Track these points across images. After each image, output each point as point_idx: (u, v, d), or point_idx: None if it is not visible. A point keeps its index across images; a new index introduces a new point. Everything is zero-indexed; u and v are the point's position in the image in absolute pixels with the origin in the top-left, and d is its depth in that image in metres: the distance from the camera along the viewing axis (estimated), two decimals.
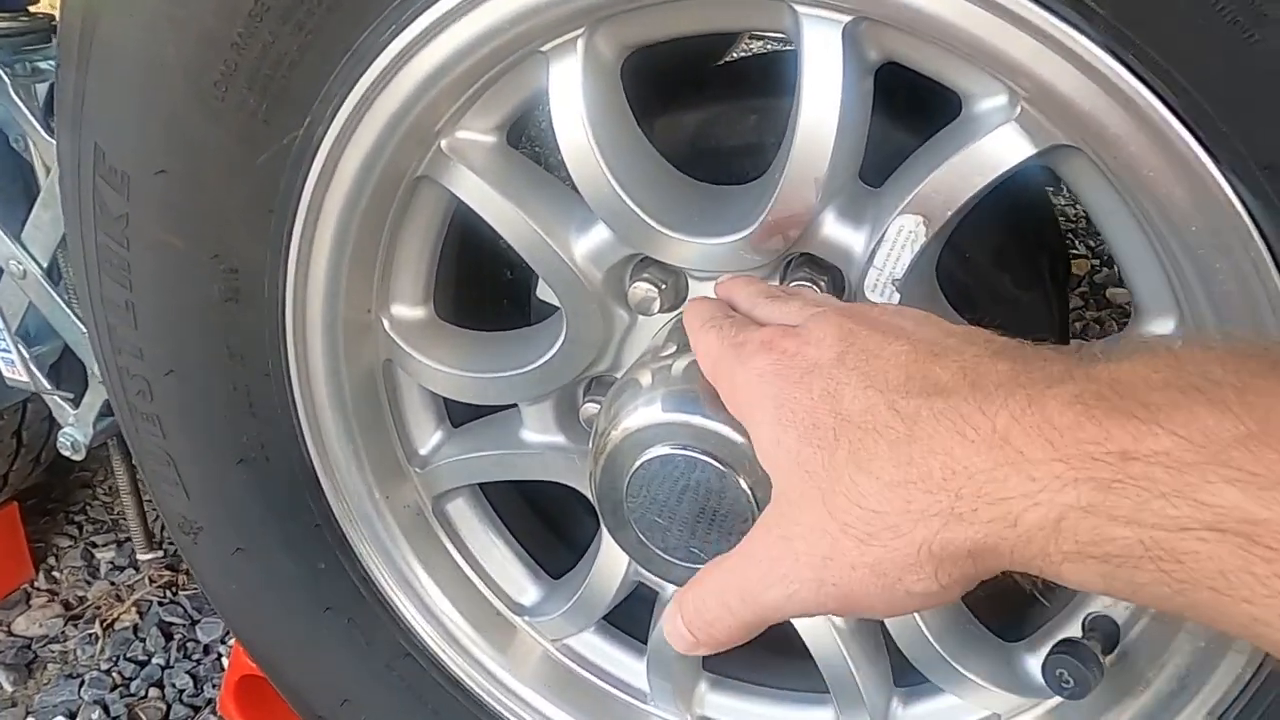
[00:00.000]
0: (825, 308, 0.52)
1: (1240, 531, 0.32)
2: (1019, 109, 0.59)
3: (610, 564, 0.88)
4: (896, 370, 0.43)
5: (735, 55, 1.33)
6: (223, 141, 0.73)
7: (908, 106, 0.74)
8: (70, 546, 1.73)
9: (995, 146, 0.60)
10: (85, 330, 1.07)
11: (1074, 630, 0.75)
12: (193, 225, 0.77)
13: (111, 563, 1.70)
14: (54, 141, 0.90)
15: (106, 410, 1.17)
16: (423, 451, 0.92)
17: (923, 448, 0.39)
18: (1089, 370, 0.38)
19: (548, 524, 1.01)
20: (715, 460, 0.66)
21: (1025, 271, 0.84)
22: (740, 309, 0.61)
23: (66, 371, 1.23)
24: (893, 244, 0.65)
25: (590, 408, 0.83)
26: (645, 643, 0.91)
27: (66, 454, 1.20)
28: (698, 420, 0.66)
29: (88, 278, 0.84)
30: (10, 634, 1.57)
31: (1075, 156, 0.59)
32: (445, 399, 0.90)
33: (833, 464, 0.42)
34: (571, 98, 0.67)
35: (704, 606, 0.48)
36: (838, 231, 0.67)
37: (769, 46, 2.13)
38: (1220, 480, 0.32)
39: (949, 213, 0.63)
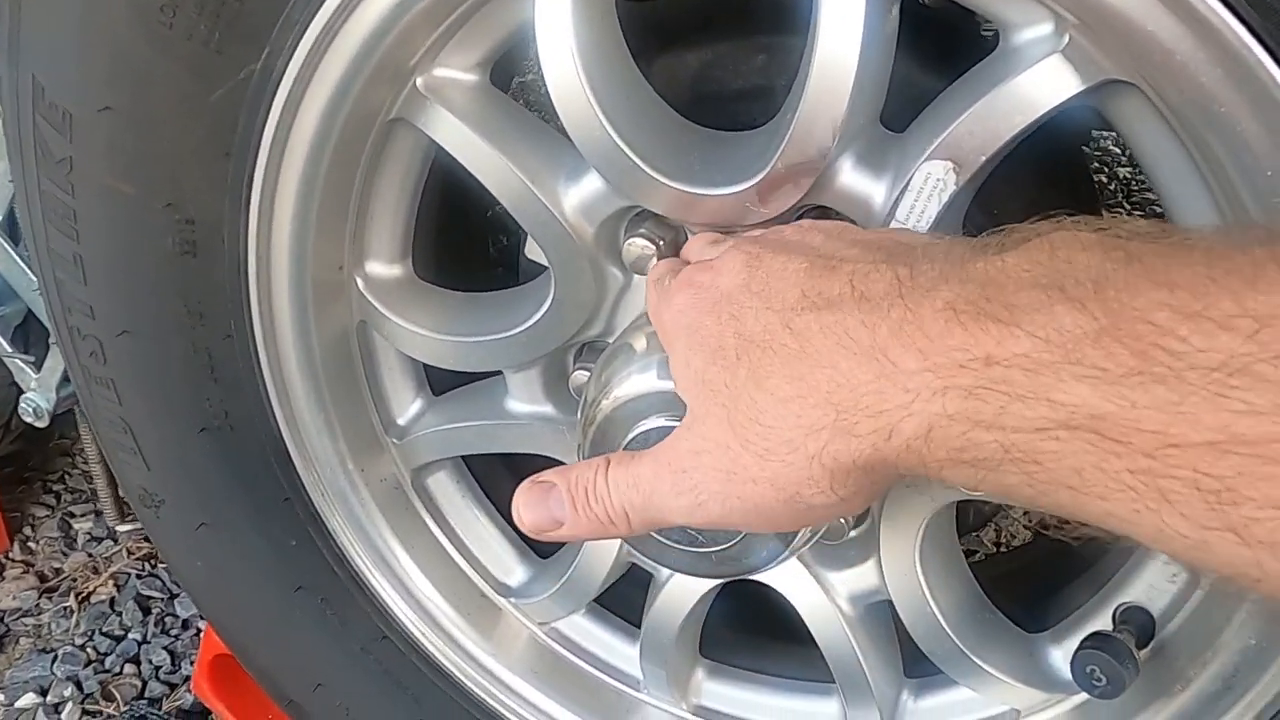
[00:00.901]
0: (739, 240, 0.53)
1: (1090, 427, 0.34)
2: (1066, 39, 0.52)
3: (601, 543, 0.83)
4: (793, 289, 0.44)
5: None
6: (172, 75, 0.66)
7: (937, 45, 0.67)
8: (47, 516, 1.68)
9: (1037, 82, 0.54)
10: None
11: (1104, 622, 0.69)
12: (143, 169, 0.71)
13: (89, 534, 1.65)
14: None
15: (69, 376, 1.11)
16: (401, 421, 0.86)
17: (811, 363, 0.41)
18: (969, 269, 0.39)
19: None
20: None
21: None
22: (691, 261, 0.61)
23: (32, 336, 1.17)
24: (918, 193, 0.58)
25: (580, 375, 0.77)
26: (639, 627, 0.86)
27: (30, 420, 1.14)
28: None
29: (34, 228, 0.77)
30: None
31: (1128, 94, 0.52)
32: (425, 365, 0.84)
33: (734, 382, 0.44)
34: (560, 27, 0.60)
35: (599, 492, 0.50)
36: (856, 180, 0.61)
37: None
38: (1071, 378, 0.34)
39: (983, 158, 0.56)
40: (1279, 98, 0.45)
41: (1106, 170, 2.03)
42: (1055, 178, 0.82)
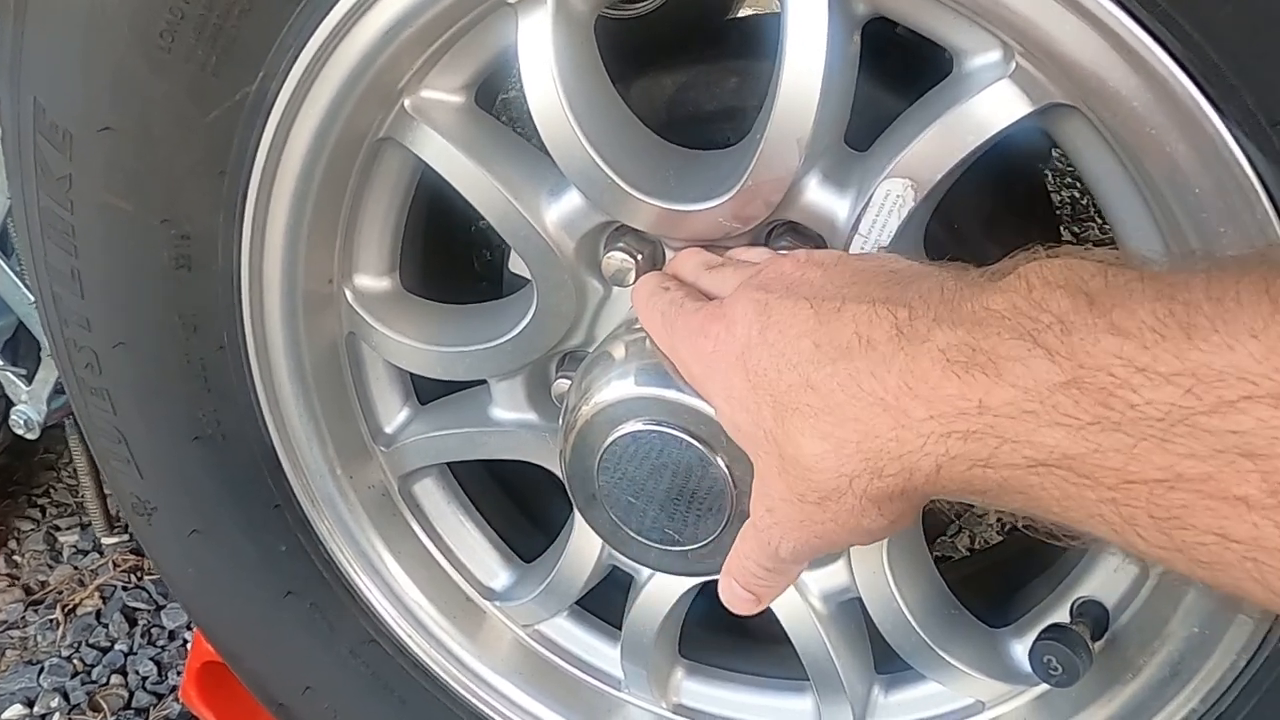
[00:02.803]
0: (744, 282, 0.56)
1: (1064, 465, 0.39)
2: (1013, 65, 0.55)
3: (583, 547, 0.85)
4: (805, 339, 0.49)
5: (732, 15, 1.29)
6: (170, 96, 0.69)
7: (896, 68, 0.71)
8: (32, 530, 1.68)
9: (988, 105, 0.57)
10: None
11: (1062, 616, 0.73)
12: (140, 187, 0.73)
13: (75, 546, 1.65)
14: None
15: (61, 388, 1.13)
16: (388, 429, 0.88)
17: (836, 418, 0.46)
18: (959, 311, 0.43)
19: (519, 506, 0.98)
20: (692, 437, 0.63)
21: (1015, 244, 0.81)
22: (685, 281, 0.64)
23: (23, 348, 1.19)
24: (879, 209, 0.61)
25: (562, 384, 0.80)
26: (620, 628, 0.88)
27: (20, 433, 1.16)
28: (673, 395, 0.63)
29: (31, 244, 0.79)
30: None
31: (1072, 116, 0.56)
32: (412, 375, 0.87)
33: (778, 441, 0.49)
34: (541, 53, 0.64)
35: (747, 571, 0.57)
36: (821, 197, 0.64)
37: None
38: (1047, 425, 0.39)
39: (939, 176, 0.60)
40: (1201, 122, 0.48)
41: (1060, 191, 2.08)
42: (1012, 195, 0.86)
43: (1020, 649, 0.76)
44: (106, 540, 1.58)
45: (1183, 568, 0.38)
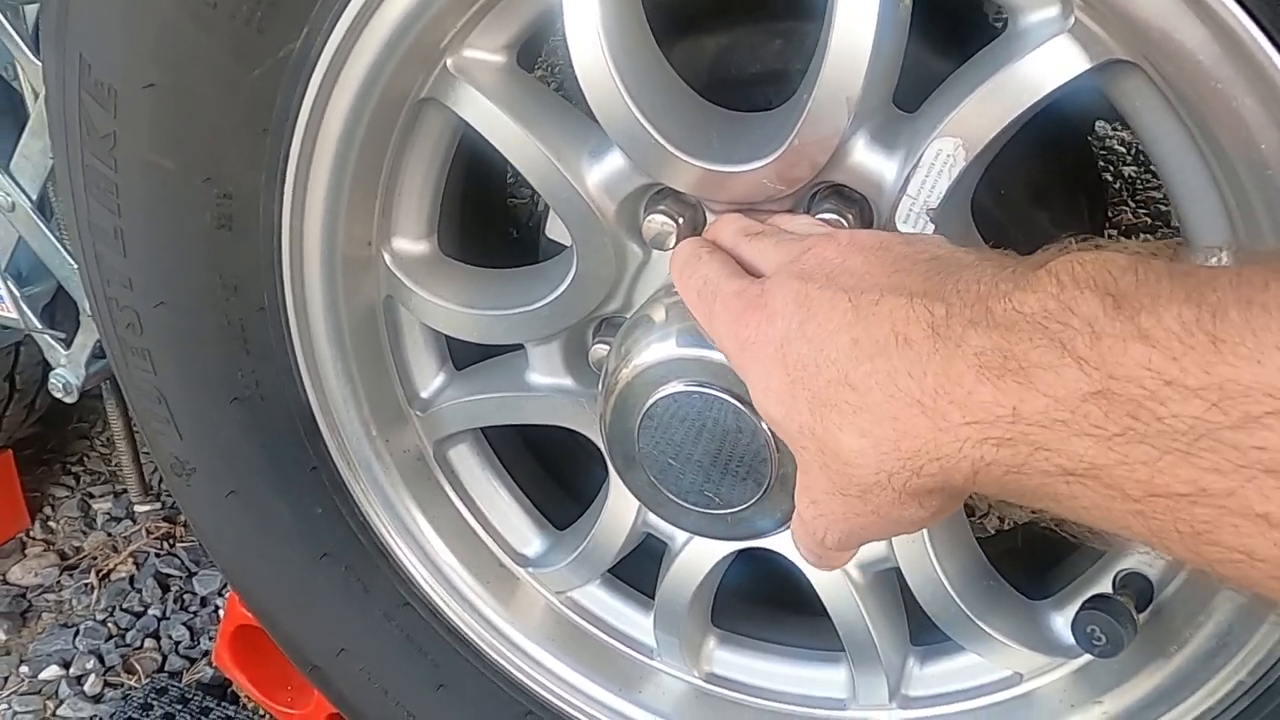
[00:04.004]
0: (785, 268, 0.56)
1: (1092, 475, 0.39)
2: (1072, 20, 0.54)
3: (618, 514, 0.85)
4: (844, 334, 0.49)
5: None
6: (214, 53, 0.69)
7: (947, 30, 0.70)
8: (67, 497, 1.71)
9: (1044, 63, 0.56)
10: (76, 265, 1.03)
11: (1105, 587, 0.72)
12: (183, 145, 0.73)
13: (108, 514, 1.68)
14: (41, 64, 0.86)
15: (99, 352, 1.14)
16: (424, 394, 0.88)
17: (875, 416, 0.46)
18: (993, 312, 0.43)
19: (553, 473, 0.98)
20: (734, 399, 0.63)
21: (1064, 212, 0.80)
22: (724, 247, 0.63)
23: (60, 312, 1.20)
24: (929, 169, 0.61)
25: (600, 349, 0.80)
26: (652, 597, 0.88)
27: (58, 395, 1.17)
28: (716, 356, 0.63)
29: (74, 203, 0.80)
30: (5, 582, 1.55)
31: (1130, 74, 0.55)
32: (448, 340, 0.87)
33: (818, 437, 0.49)
34: (587, 10, 0.63)
35: (804, 551, 0.58)
36: (869, 158, 0.63)
37: None
38: (1077, 434, 0.39)
39: (991, 135, 0.59)
40: (1270, 74, 0.47)
41: (1111, 168, 2.05)
42: (1061, 164, 0.84)
43: (1061, 621, 0.76)
44: (140, 508, 1.60)
45: (1218, 579, 0.39)
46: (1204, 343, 0.36)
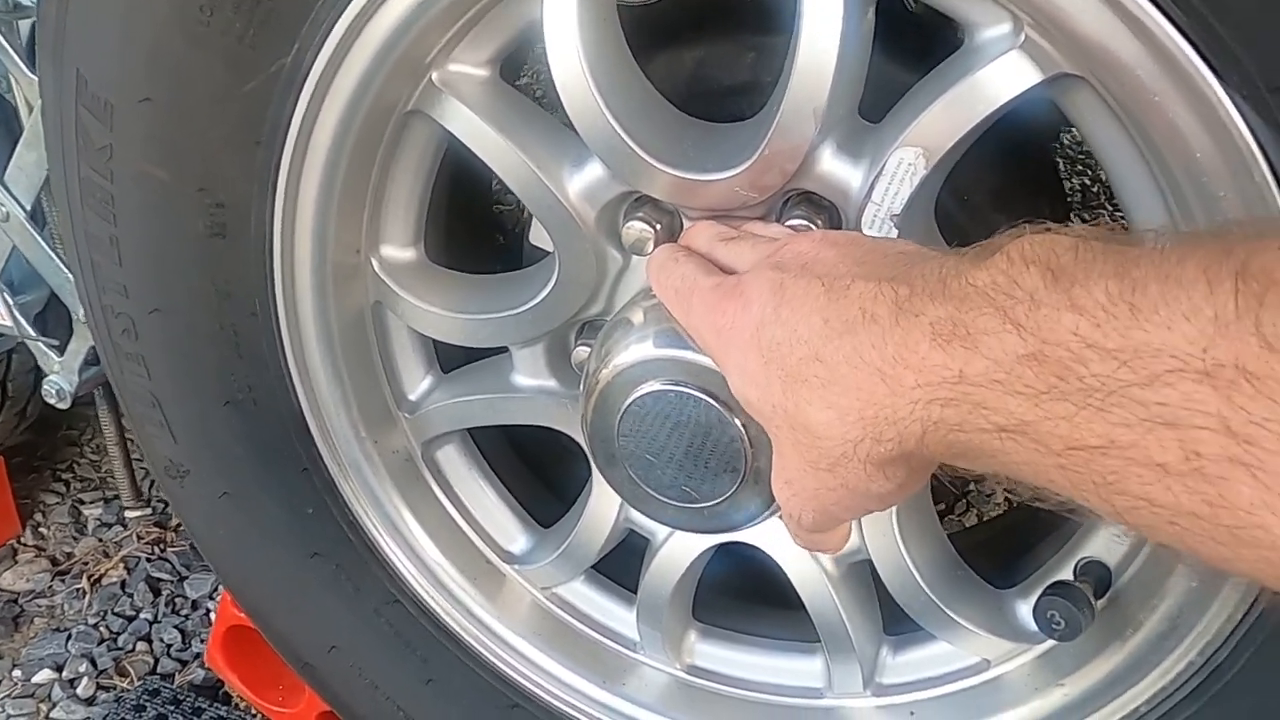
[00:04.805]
0: (762, 260, 0.58)
1: (1021, 431, 0.42)
2: (1023, 36, 0.58)
3: (600, 512, 0.88)
4: (816, 315, 0.51)
5: None
6: (208, 68, 0.71)
7: (910, 43, 0.73)
8: (57, 503, 1.72)
9: (998, 76, 0.59)
10: (70, 275, 1.06)
11: (1066, 574, 0.75)
12: (178, 156, 0.76)
13: (99, 519, 1.69)
14: (36, 79, 0.88)
15: (92, 358, 1.16)
16: (412, 397, 0.91)
17: (841, 388, 0.49)
18: (950, 287, 0.46)
19: (538, 473, 1.01)
20: (709, 397, 0.65)
21: (1023, 215, 0.83)
22: (700, 252, 0.66)
23: (53, 320, 1.22)
24: (891, 177, 0.64)
25: (582, 351, 0.82)
26: (635, 592, 0.91)
27: (51, 402, 1.19)
28: (691, 356, 0.65)
29: (71, 213, 0.82)
30: None
31: (1079, 87, 0.58)
32: (435, 344, 0.89)
33: (789, 414, 0.52)
34: (566, 27, 0.66)
35: (793, 523, 0.59)
36: (836, 166, 0.66)
37: None
38: (1011, 393, 0.42)
39: (950, 144, 0.62)
40: (1201, 89, 0.50)
41: (1071, 178, 2.09)
42: (1023, 171, 0.88)
43: (1025, 609, 0.78)
44: (131, 513, 1.61)
45: (1133, 531, 0.42)
46: (1125, 312, 0.39)
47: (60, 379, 1.17)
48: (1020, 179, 0.86)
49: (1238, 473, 0.36)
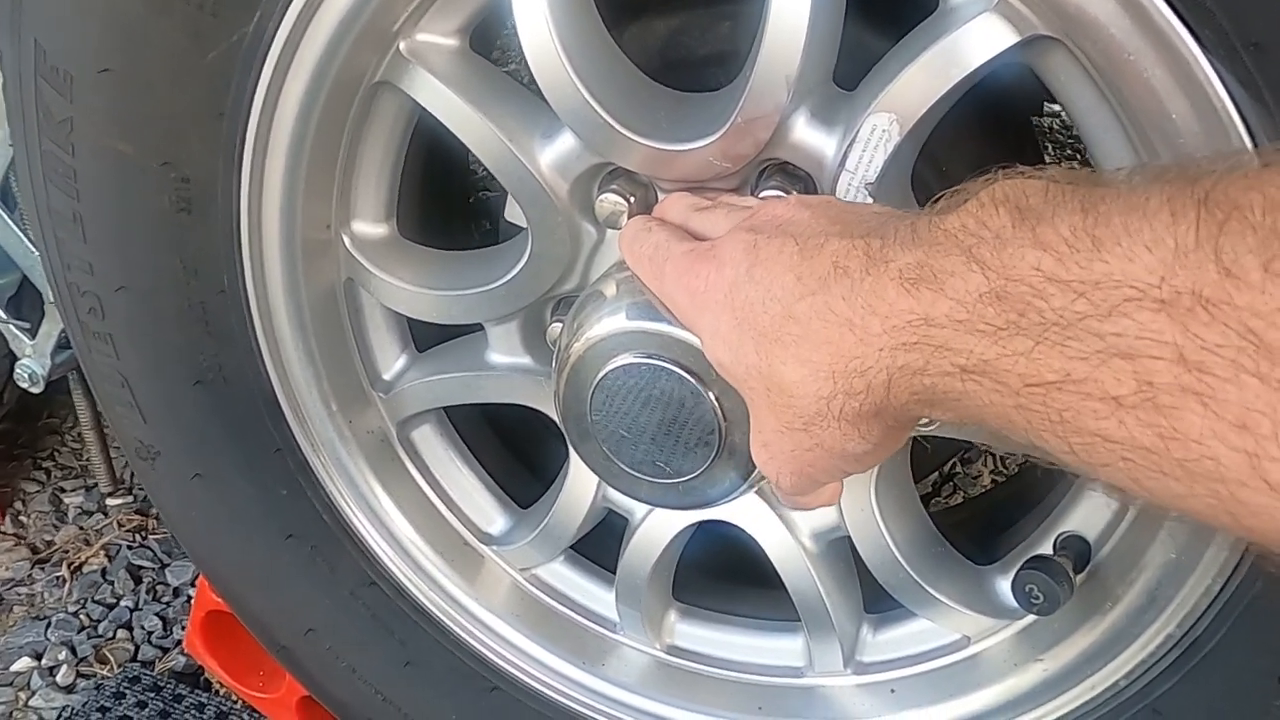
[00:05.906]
0: (737, 224, 0.57)
1: (981, 370, 0.41)
2: None
3: (578, 492, 0.87)
4: (788, 273, 0.50)
5: None
6: (169, 37, 0.70)
7: (885, 8, 0.71)
8: (37, 491, 1.71)
9: (972, 39, 0.58)
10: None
11: (1046, 549, 0.74)
12: (140, 130, 0.74)
13: (80, 507, 1.68)
14: None
15: (65, 342, 1.15)
16: (386, 376, 0.90)
17: (813, 344, 0.48)
18: (920, 233, 0.45)
19: (515, 452, 1.00)
20: (682, 370, 0.64)
21: None
22: (674, 223, 0.65)
23: (26, 303, 1.20)
24: (865, 144, 0.63)
25: (556, 328, 0.81)
26: (614, 572, 0.90)
27: (24, 386, 1.17)
28: (664, 329, 0.64)
29: (34, 189, 0.81)
30: None
31: (1054, 49, 0.57)
32: (410, 322, 0.88)
33: (764, 374, 0.51)
34: None
35: (779, 486, 0.58)
36: (809, 135, 0.65)
37: None
38: (972, 332, 0.41)
39: (924, 110, 0.61)
40: (1176, 45, 0.49)
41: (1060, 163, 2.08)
42: (1003, 143, 0.87)
43: (1005, 585, 0.78)
44: (111, 501, 1.60)
45: (1087, 473, 0.41)
46: (1087, 244, 0.38)
47: (33, 363, 1.16)
48: (1001, 152, 0.84)
49: (1189, 401, 0.35)
